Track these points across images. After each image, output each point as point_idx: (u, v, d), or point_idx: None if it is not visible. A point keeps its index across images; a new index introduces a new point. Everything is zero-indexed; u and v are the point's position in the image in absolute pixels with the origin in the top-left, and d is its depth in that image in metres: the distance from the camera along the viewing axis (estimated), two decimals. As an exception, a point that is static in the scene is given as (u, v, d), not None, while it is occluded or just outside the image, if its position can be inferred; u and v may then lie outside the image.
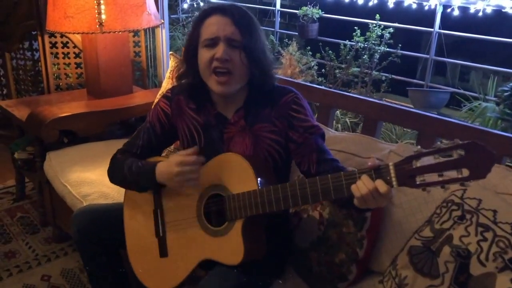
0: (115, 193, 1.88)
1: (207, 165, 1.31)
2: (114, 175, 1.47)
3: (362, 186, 1.02)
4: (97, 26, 2.33)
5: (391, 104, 1.84)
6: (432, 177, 0.94)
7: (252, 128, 1.36)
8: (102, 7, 2.33)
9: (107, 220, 1.50)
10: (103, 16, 2.33)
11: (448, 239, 1.20)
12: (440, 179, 0.94)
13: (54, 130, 2.19)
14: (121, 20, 2.37)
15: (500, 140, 1.52)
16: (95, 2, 2.32)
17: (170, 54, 2.51)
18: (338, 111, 3.77)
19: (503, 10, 3.49)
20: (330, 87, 4.24)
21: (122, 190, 1.50)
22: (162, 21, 2.93)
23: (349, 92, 2.85)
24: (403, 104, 3.64)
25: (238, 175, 1.24)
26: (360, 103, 1.91)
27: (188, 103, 1.44)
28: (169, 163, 1.29)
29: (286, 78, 2.62)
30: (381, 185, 1.00)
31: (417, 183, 0.96)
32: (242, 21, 1.28)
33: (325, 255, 1.48)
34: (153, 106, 1.54)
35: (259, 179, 1.21)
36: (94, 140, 2.43)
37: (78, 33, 2.46)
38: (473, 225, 1.19)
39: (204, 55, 1.29)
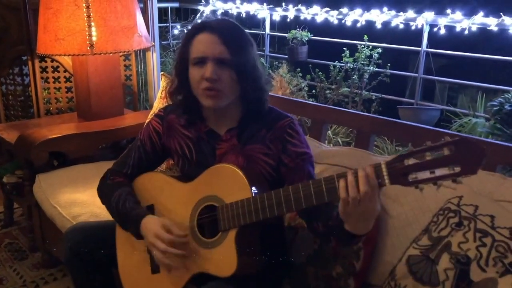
0: (106, 213, 1.81)
1: (199, 178, 1.29)
2: (102, 200, 1.47)
3: (344, 186, 1.01)
4: (88, 48, 2.34)
5: (383, 117, 1.85)
6: (424, 174, 0.94)
7: (245, 148, 1.34)
8: (93, 29, 2.34)
9: (100, 237, 1.47)
10: (94, 38, 2.34)
11: (446, 246, 1.19)
12: (432, 175, 0.93)
13: (44, 152, 2.16)
14: (112, 42, 2.39)
15: (493, 148, 1.51)
16: (86, 24, 2.34)
17: (161, 74, 2.51)
18: (329, 131, 3.78)
19: (488, 28, 3.57)
20: (321, 108, 4.25)
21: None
22: (153, 43, 2.95)
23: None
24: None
25: (232, 185, 1.22)
26: (352, 117, 1.91)
27: (179, 121, 1.42)
28: (150, 226, 1.28)
29: (279, 96, 2.63)
30: (366, 169, 1.00)
31: (410, 180, 0.96)
32: (231, 38, 1.27)
33: (322, 269, 1.45)
34: (145, 125, 1.52)
35: (253, 188, 1.19)
36: (84, 163, 2.41)
37: (69, 55, 2.46)
38: (471, 231, 1.17)
39: (194, 73, 1.29)
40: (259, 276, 1.31)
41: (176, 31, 6.27)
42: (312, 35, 5.09)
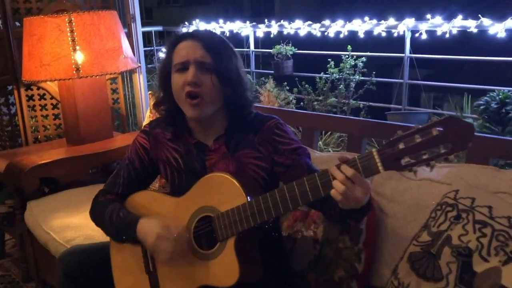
0: (100, 235, 1.78)
1: (191, 190, 1.28)
2: (96, 220, 1.44)
3: (336, 184, 1.02)
4: (74, 71, 2.33)
5: (372, 120, 1.86)
6: (417, 156, 0.94)
7: (235, 155, 1.33)
8: (78, 52, 2.34)
9: (95, 260, 1.44)
10: (80, 62, 2.34)
11: (447, 240, 1.18)
12: (425, 157, 0.94)
13: (34, 178, 2.13)
14: (98, 65, 2.38)
15: (485, 142, 1.52)
16: (71, 48, 2.34)
17: (149, 93, 2.51)
18: (320, 142, 3.79)
19: (468, 30, 3.63)
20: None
21: (108, 231, 1.44)
22: (139, 64, 2.95)
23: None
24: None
25: (225, 192, 1.20)
26: (342, 122, 1.93)
27: (166, 135, 1.41)
28: (149, 228, 1.27)
29: (268, 107, 2.63)
30: (345, 168, 1.00)
31: (403, 165, 0.96)
32: (212, 44, 1.27)
33: (323, 274, 1.43)
34: (132, 143, 1.51)
35: (247, 193, 1.17)
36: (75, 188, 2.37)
37: (55, 80, 2.45)
38: (470, 223, 1.17)
39: (176, 80, 1.28)
40: (260, 286, 1.29)
41: (161, 54, 6.30)
42: (296, 49, 5.14)
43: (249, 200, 1.16)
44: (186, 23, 6.15)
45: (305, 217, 1.58)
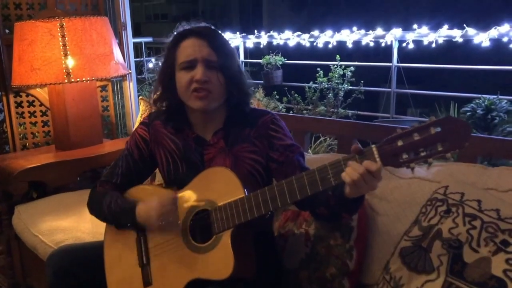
0: (90, 238, 1.79)
1: (190, 184, 1.29)
2: (94, 209, 1.43)
3: (351, 172, 1.02)
4: (65, 76, 2.33)
5: (362, 122, 1.88)
6: (415, 153, 0.97)
7: (232, 149, 1.35)
8: (69, 57, 2.34)
9: (87, 259, 1.42)
10: (71, 66, 2.34)
11: (437, 233, 1.19)
12: (422, 154, 0.96)
13: (23, 182, 2.11)
14: (89, 69, 2.38)
15: (472, 141, 1.55)
16: (62, 53, 2.34)
17: (140, 98, 2.51)
18: (310, 150, 3.81)
19: (453, 40, 3.71)
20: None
21: (98, 233, 1.44)
22: (130, 70, 2.96)
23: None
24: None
25: (223, 186, 1.21)
26: (332, 124, 1.95)
27: (166, 127, 1.42)
28: (147, 207, 1.28)
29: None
30: (370, 164, 1.01)
31: (401, 161, 0.98)
32: (217, 42, 1.31)
33: (315, 271, 1.43)
34: (131, 134, 1.52)
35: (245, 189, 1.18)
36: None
37: (45, 84, 2.44)
38: (460, 216, 1.19)
39: (182, 77, 1.30)
40: (252, 284, 1.28)
41: (150, 65, 6.32)
42: (285, 59, 5.19)
43: (246, 194, 1.17)
44: (176, 34, 6.18)
45: (296, 216, 1.58)
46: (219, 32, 1.37)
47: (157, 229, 1.30)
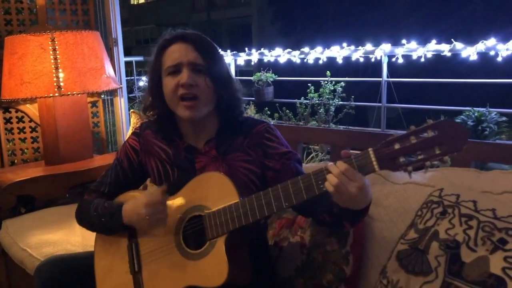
0: (81, 250, 1.75)
1: (183, 189, 1.26)
2: (82, 218, 1.40)
3: (330, 177, 1.01)
4: (56, 89, 2.32)
5: (355, 129, 1.88)
6: (412, 157, 0.96)
7: (225, 157, 1.33)
8: (60, 70, 2.33)
9: (77, 269, 1.39)
10: (62, 79, 2.32)
11: (434, 235, 1.18)
12: (420, 157, 0.95)
13: (11, 195, 2.07)
14: (80, 83, 2.38)
15: (466, 146, 1.56)
16: (53, 66, 2.33)
17: (131, 111, 2.50)
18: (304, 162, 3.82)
19: (441, 54, 3.77)
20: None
21: (89, 246, 1.40)
22: (121, 85, 2.95)
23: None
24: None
25: (218, 191, 1.19)
26: (325, 133, 1.95)
27: (156, 138, 1.40)
28: (135, 205, 1.25)
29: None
30: (340, 164, 1.00)
31: (398, 164, 0.97)
32: (202, 46, 1.29)
33: (312, 279, 1.41)
34: (122, 145, 1.50)
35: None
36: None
37: (36, 98, 2.42)
38: (456, 217, 1.18)
39: (169, 83, 1.28)
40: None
41: (141, 83, 6.33)
42: (276, 76, 5.23)
43: (241, 199, 1.15)
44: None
45: (291, 224, 1.56)
46: (207, 38, 1.35)
47: (147, 229, 1.26)
